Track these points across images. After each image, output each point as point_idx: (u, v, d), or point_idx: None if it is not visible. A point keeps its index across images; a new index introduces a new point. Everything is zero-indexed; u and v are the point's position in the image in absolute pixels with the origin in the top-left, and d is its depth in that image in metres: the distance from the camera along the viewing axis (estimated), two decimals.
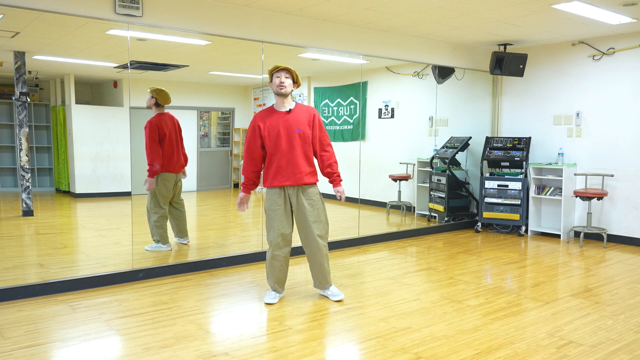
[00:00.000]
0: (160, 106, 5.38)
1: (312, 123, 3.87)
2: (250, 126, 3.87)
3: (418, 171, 7.77)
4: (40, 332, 3.30)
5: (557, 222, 6.71)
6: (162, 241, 5.43)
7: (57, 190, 7.73)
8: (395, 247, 6.07)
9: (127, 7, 4.23)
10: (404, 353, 3.01)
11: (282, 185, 3.81)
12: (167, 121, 5.37)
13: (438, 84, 7.17)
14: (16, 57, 6.02)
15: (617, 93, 6.27)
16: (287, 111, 3.84)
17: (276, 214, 3.83)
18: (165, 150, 5.34)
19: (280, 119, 3.82)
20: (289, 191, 3.84)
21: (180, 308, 3.77)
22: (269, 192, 3.88)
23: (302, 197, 3.84)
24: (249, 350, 3.03)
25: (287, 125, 3.80)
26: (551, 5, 4.85)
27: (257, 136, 3.83)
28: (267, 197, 3.90)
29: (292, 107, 3.86)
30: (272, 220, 3.84)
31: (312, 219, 3.85)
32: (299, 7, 4.99)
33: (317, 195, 3.91)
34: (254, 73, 6.96)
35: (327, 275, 3.98)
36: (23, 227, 6.51)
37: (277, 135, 3.78)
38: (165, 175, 5.38)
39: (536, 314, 3.74)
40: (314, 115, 3.89)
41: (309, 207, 3.84)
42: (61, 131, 7.69)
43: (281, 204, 3.83)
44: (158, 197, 5.37)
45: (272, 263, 3.90)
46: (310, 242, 3.89)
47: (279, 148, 3.78)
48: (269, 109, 3.90)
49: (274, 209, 3.83)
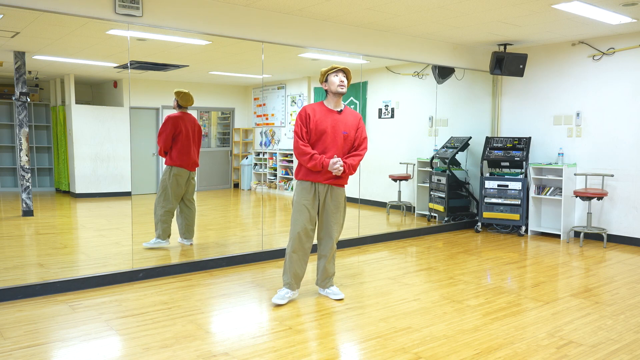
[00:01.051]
0: (182, 107, 5.53)
1: (357, 127, 3.92)
2: (301, 115, 3.84)
3: (418, 171, 7.77)
4: (40, 332, 3.30)
5: (557, 222, 6.71)
6: (162, 236, 5.45)
7: (57, 190, 7.74)
8: (395, 247, 6.07)
9: (127, 7, 4.23)
10: (404, 353, 3.02)
11: (315, 181, 3.83)
12: (185, 120, 5.48)
13: (438, 84, 7.17)
14: (16, 57, 6.03)
15: (617, 93, 6.27)
16: (338, 111, 3.88)
17: (304, 208, 3.83)
18: (180, 146, 5.42)
19: (331, 116, 3.84)
20: (320, 188, 3.85)
21: (180, 308, 3.77)
22: (300, 185, 3.88)
23: (330, 196, 3.88)
24: (249, 350, 3.03)
25: (336, 125, 3.82)
26: (551, 5, 4.85)
27: (306, 125, 3.80)
28: (297, 189, 3.90)
29: (342, 108, 3.91)
30: (299, 213, 3.84)
31: (334, 221, 3.91)
32: (299, 7, 4.99)
33: (343, 198, 3.97)
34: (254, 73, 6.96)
35: (332, 276, 4.06)
36: (23, 227, 6.51)
37: (323, 132, 3.79)
38: (178, 170, 5.43)
39: (536, 314, 3.74)
40: (359, 120, 3.95)
41: (334, 209, 3.90)
42: (61, 131, 7.69)
43: (310, 199, 3.84)
44: (168, 191, 5.41)
45: (292, 257, 3.86)
46: (326, 242, 3.94)
47: (322, 144, 3.80)
48: (319, 104, 3.91)
49: (303, 203, 3.84)
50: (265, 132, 9.53)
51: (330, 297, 4.00)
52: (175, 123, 5.38)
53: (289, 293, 3.89)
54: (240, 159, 9.16)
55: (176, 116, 5.43)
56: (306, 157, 3.76)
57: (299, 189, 3.88)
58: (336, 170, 3.75)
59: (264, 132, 9.56)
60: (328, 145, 3.79)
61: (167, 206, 5.41)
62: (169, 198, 5.41)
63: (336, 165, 3.74)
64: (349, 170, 3.83)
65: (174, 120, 5.39)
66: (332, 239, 3.93)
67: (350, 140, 3.89)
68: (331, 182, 3.85)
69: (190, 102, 5.52)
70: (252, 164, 9.48)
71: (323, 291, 4.07)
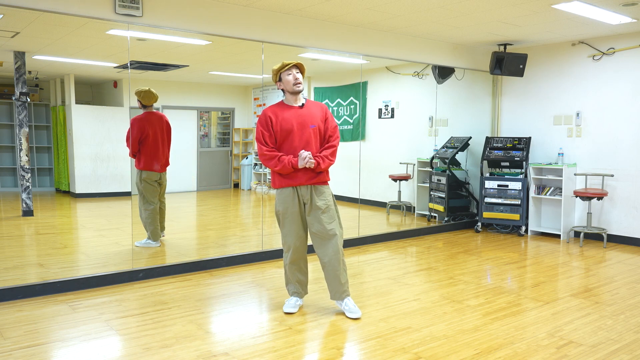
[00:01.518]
0: (147, 107, 5.42)
1: (325, 117, 3.69)
2: (261, 121, 3.62)
3: (418, 171, 7.76)
4: (40, 332, 3.30)
5: (557, 222, 6.71)
6: (153, 237, 5.49)
7: (57, 190, 7.73)
8: (395, 247, 6.07)
9: (127, 7, 4.23)
10: (404, 353, 3.01)
11: (295, 185, 3.58)
12: (152, 121, 5.40)
13: (438, 84, 7.17)
14: (16, 57, 6.02)
15: (617, 93, 6.27)
16: (299, 106, 3.65)
17: (292, 218, 3.61)
18: (147, 149, 5.37)
19: (294, 113, 3.61)
20: (302, 191, 3.60)
21: (180, 308, 3.77)
22: (281, 194, 3.63)
23: (315, 197, 3.60)
24: (249, 350, 3.03)
25: (301, 121, 3.59)
26: (551, 5, 4.85)
27: (268, 129, 3.57)
28: (278, 199, 3.65)
29: (303, 102, 3.68)
30: (289, 224, 3.62)
31: (327, 220, 3.60)
32: (299, 7, 4.99)
33: (331, 196, 3.70)
34: (254, 73, 6.96)
35: (344, 283, 3.64)
36: (23, 227, 6.51)
37: (290, 131, 3.57)
38: (147, 174, 5.44)
39: (536, 314, 3.74)
40: (325, 110, 3.72)
41: (323, 208, 3.60)
42: (61, 131, 7.69)
43: (296, 205, 3.60)
44: (145, 194, 5.47)
45: (291, 267, 3.70)
46: (325, 246, 3.61)
47: (292, 144, 3.57)
48: (279, 104, 3.68)
49: (289, 212, 3.61)
50: None
51: (346, 314, 3.61)
52: (141, 126, 5.30)
53: (299, 301, 3.76)
54: (240, 159, 9.16)
55: (141, 118, 5.34)
56: (274, 162, 3.52)
57: (281, 198, 3.63)
58: (308, 163, 3.49)
59: None
60: (297, 143, 3.56)
61: (149, 207, 5.46)
62: (147, 199, 5.46)
63: (305, 158, 3.49)
64: (323, 162, 3.56)
65: (139, 123, 5.30)
66: (333, 240, 3.58)
67: (321, 132, 3.65)
68: (312, 182, 3.59)
69: (153, 99, 5.36)
70: (252, 164, 9.49)
71: (340, 305, 3.70)
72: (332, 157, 3.63)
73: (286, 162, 3.51)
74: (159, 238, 5.56)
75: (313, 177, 3.60)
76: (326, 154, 3.60)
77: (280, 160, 3.52)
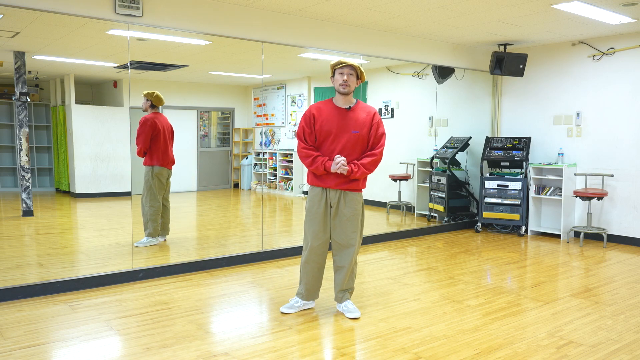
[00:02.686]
0: (155, 107, 5.64)
1: (371, 124, 3.55)
2: (305, 116, 3.56)
3: (418, 171, 7.77)
4: (40, 332, 3.30)
5: (557, 222, 6.71)
6: (153, 234, 5.56)
7: (57, 190, 7.74)
8: (395, 247, 6.07)
9: (127, 7, 4.23)
10: (404, 353, 3.02)
11: (325, 186, 3.54)
12: (161, 120, 5.63)
13: (438, 84, 7.17)
14: (16, 57, 6.02)
15: (617, 93, 6.27)
16: (347, 108, 3.55)
17: (316, 217, 3.57)
18: (159, 146, 5.57)
19: (338, 115, 3.52)
20: (330, 194, 3.55)
21: (180, 308, 3.77)
22: (311, 192, 3.62)
23: (343, 202, 3.54)
24: (249, 350, 3.03)
25: (344, 124, 3.50)
26: (551, 5, 4.85)
27: (310, 126, 3.52)
28: (309, 196, 3.64)
29: (352, 104, 3.58)
30: (311, 223, 3.59)
31: (351, 229, 3.55)
32: (299, 7, 4.99)
33: (360, 205, 3.60)
34: (254, 73, 6.96)
35: (348, 290, 3.69)
36: (23, 227, 6.51)
37: (329, 132, 3.50)
38: (160, 169, 5.59)
39: (536, 314, 3.74)
40: (374, 115, 3.58)
41: (349, 215, 3.54)
42: (61, 131, 7.69)
43: (322, 207, 3.55)
44: (154, 190, 5.56)
45: (305, 267, 3.65)
46: (342, 253, 3.59)
47: (330, 146, 3.51)
48: (327, 102, 3.61)
49: (314, 211, 3.57)
50: (265, 132, 9.54)
51: (345, 314, 3.62)
52: (153, 124, 5.52)
53: (299, 302, 3.70)
54: (240, 159, 9.16)
55: (152, 117, 5.56)
56: (309, 160, 3.49)
57: (310, 196, 3.62)
58: (341, 169, 3.42)
59: (264, 132, 9.57)
60: (336, 146, 3.49)
61: (155, 204, 5.57)
62: (155, 196, 5.57)
63: (339, 164, 3.42)
64: (359, 170, 3.46)
65: (152, 121, 5.52)
66: (350, 249, 3.56)
67: (364, 139, 3.53)
68: (343, 187, 3.51)
69: (162, 101, 5.65)
70: (252, 164, 9.49)
71: (339, 307, 3.70)
72: (370, 166, 3.53)
73: (319, 164, 3.47)
74: (158, 235, 5.62)
75: (344, 182, 3.52)
76: (364, 162, 3.50)
77: (315, 161, 3.48)
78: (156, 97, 5.59)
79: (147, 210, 5.55)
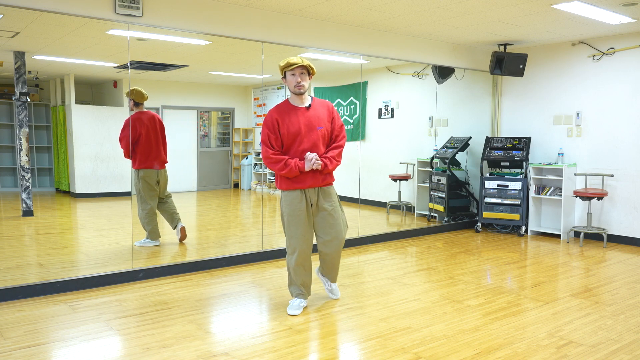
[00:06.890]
0: (139, 104, 5.46)
1: (332, 117, 3.66)
2: (267, 122, 3.56)
3: (418, 171, 7.77)
4: (40, 332, 3.30)
5: (557, 222, 6.71)
6: (152, 237, 5.50)
7: (57, 190, 7.73)
8: (395, 247, 6.07)
9: (127, 7, 4.23)
10: (404, 353, 3.02)
11: (304, 187, 3.56)
12: (144, 120, 5.44)
13: (438, 84, 7.17)
14: (16, 57, 6.02)
15: (617, 93, 6.27)
16: (306, 107, 3.60)
17: (299, 220, 3.58)
18: (143, 148, 5.40)
19: (300, 115, 3.56)
20: (310, 193, 3.60)
21: (180, 308, 3.77)
22: (288, 196, 3.61)
23: (322, 198, 3.63)
24: (249, 350, 3.03)
25: (309, 122, 3.55)
26: (551, 5, 4.85)
27: (275, 131, 3.54)
28: (285, 201, 3.63)
29: (310, 102, 3.63)
30: (295, 227, 3.60)
31: (333, 221, 3.65)
32: (299, 7, 4.99)
33: (336, 196, 3.73)
34: (254, 73, 6.96)
35: (336, 274, 3.92)
36: (23, 227, 6.51)
37: (297, 133, 3.53)
38: (145, 172, 5.44)
39: (536, 314, 3.74)
40: (331, 109, 3.68)
41: (330, 209, 3.64)
42: (61, 131, 7.69)
43: (303, 208, 3.58)
44: (142, 194, 5.46)
45: (296, 270, 3.67)
46: (332, 245, 3.69)
47: (299, 147, 3.54)
48: (284, 104, 3.64)
49: (296, 214, 3.58)
50: None
51: (329, 294, 3.98)
52: (133, 126, 5.33)
53: (303, 302, 3.73)
54: (240, 159, 9.15)
55: (134, 118, 5.38)
56: (280, 165, 3.50)
57: (288, 200, 3.60)
58: (315, 165, 3.49)
59: None
60: (304, 146, 3.54)
61: (146, 207, 5.46)
62: (145, 200, 5.45)
63: (312, 161, 3.49)
64: (331, 164, 3.57)
65: (133, 122, 5.34)
66: (338, 240, 3.69)
67: (327, 133, 3.63)
68: (321, 184, 3.61)
69: (144, 97, 5.43)
70: (252, 164, 9.49)
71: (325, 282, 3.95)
72: (338, 157, 3.65)
73: (293, 166, 3.49)
74: (158, 237, 5.55)
75: (320, 179, 3.60)
76: (333, 155, 3.61)
77: (287, 164, 3.50)
78: (136, 92, 5.36)
79: (140, 214, 5.48)
